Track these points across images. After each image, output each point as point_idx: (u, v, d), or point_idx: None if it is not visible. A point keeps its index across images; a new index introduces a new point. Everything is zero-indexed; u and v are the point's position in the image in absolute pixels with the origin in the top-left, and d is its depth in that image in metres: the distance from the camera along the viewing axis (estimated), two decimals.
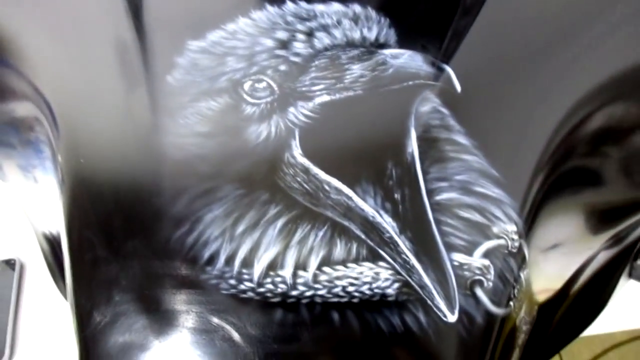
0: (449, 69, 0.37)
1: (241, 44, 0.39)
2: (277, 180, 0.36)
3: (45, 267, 0.51)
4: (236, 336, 0.33)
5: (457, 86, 0.37)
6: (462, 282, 0.34)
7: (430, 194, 0.35)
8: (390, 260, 0.34)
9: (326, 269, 0.34)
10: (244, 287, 0.34)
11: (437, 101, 0.38)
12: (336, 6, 0.40)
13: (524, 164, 0.38)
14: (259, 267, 0.34)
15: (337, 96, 0.37)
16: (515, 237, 0.36)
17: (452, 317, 0.33)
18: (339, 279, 0.34)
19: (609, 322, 0.50)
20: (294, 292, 0.33)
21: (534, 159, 0.38)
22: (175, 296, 0.34)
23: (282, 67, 0.38)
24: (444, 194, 0.36)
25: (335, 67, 0.37)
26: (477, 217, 0.36)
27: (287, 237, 0.34)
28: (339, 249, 0.34)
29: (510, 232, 0.36)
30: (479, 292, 0.34)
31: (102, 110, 0.40)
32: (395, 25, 0.40)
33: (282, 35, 0.39)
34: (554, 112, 0.39)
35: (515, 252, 0.36)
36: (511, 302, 0.35)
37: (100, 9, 0.43)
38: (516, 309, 0.36)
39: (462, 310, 0.34)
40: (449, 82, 0.37)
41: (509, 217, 0.36)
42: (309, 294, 0.34)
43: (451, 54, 0.39)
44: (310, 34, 0.39)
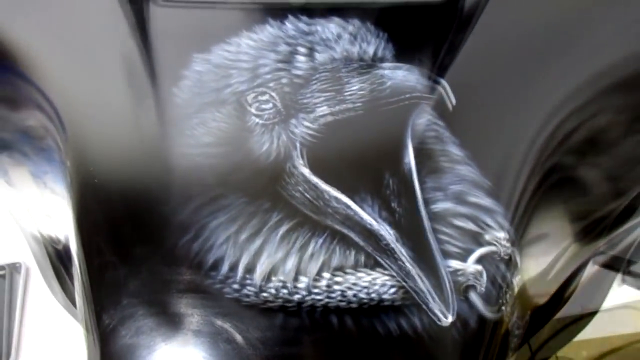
0: (444, 83, 0.39)
1: (245, 58, 0.40)
2: (279, 189, 0.37)
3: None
4: (239, 338, 0.34)
5: (452, 99, 0.39)
6: (456, 287, 0.35)
7: (426, 203, 0.37)
8: (387, 266, 0.35)
9: (326, 275, 0.35)
10: (246, 291, 0.35)
11: (432, 113, 0.39)
12: (336, 21, 0.42)
13: (515, 174, 0.39)
14: (261, 273, 0.35)
15: (337, 108, 0.39)
16: (506, 244, 0.37)
17: (447, 321, 0.35)
18: (338, 284, 0.35)
19: (605, 326, 0.51)
20: (295, 297, 0.35)
21: (525, 169, 0.40)
22: (180, 300, 0.35)
23: (285, 80, 0.39)
24: (440, 204, 0.37)
25: (335, 80, 0.39)
26: (471, 225, 0.37)
27: (288, 244, 0.36)
28: (338, 256, 0.36)
29: (501, 240, 0.37)
30: (473, 296, 0.36)
31: (110, 119, 0.42)
32: (393, 39, 0.41)
33: (284, 49, 0.40)
34: (545, 124, 0.41)
35: (506, 258, 0.37)
36: (503, 307, 0.37)
37: (108, 23, 0.44)
38: (508, 314, 0.37)
39: (456, 314, 0.35)
40: (445, 95, 0.39)
41: (500, 225, 0.38)
42: (309, 298, 0.35)
43: (446, 67, 0.41)
44: (311, 48, 0.40)
